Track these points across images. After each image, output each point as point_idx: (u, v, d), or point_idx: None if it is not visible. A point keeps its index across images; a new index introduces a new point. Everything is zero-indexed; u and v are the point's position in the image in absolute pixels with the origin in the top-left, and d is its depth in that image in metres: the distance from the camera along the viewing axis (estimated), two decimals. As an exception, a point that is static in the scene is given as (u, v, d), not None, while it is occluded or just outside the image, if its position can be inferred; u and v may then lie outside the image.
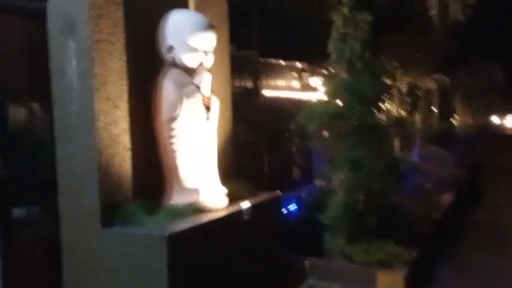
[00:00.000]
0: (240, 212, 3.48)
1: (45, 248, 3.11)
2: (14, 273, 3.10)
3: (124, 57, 3.09)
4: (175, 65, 3.30)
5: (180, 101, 3.22)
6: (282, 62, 6.50)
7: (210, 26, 3.35)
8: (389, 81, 5.46)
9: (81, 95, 2.91)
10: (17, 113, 3.07)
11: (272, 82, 6.35)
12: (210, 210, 3.34)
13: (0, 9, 3.02)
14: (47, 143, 3.02)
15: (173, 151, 3.28)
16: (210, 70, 3.45)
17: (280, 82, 6.56)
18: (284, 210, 5.00)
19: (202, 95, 3.35)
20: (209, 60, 3.40)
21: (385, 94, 5.18)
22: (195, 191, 3.33)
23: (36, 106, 3.13)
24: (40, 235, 3.11)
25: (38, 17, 3.00)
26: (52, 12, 2.94)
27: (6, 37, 3.08)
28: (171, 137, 3.25)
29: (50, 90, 2.98)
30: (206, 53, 3.36)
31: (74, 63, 2.90)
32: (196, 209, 3.29)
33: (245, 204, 3.53)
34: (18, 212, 3.10)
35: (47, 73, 2.99)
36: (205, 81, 3.36)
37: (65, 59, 2.92)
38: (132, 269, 2.85)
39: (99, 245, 2.95)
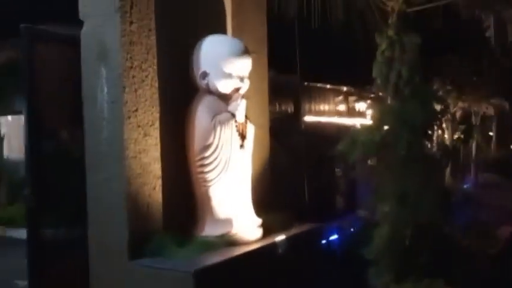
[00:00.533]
0: (275, 245, 3.30)
1: (74, 276, 3.04)
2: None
3: (156, 84, 3.02)
4: (209, 91, 3.21)
5: (214, 128, 3.12)
6: (326, 86, 6.32)
7: (245, 51, 3.25)
8: (441, 107, 5.16)
9: (111, 123, 2.86)
10: (49, 142, 3.04)
11: (315, 106, 6.17)
12: (243, 243, 3.18)
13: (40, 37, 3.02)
14: (79, 171, 2.97)
15: (206, 180, 3.17)
16: (246, 96, 3.33)
17: (324, 106, 6.38)
18: (324, 242, 4.77)
19: (237, 122, 3.23)
20: (244, 86, 3.29)
21: (436, 121, 4.88)
22: (228, 222, 3.20)
23: (68, 134, 3.11)
24: (69, 263, 3.04)
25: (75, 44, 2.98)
26: (86, 40, 2.92)
27: (45, 63, 3.07)
28: (204, 165, 3.14)
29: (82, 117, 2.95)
30: (241, 78, 3.25)
31: (105, 90, 2.86)
32: (229, 241, 3.15)
33: (280, 237, 3.36)
34: (48, 240, 3.04)
35: (80, 101, 2.96)
36: (240, 108, 3.23)
37: (97, 86, 2.89)
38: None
39: (126, 277, 2.86)
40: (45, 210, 2.93)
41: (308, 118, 5.84)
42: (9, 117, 12.72)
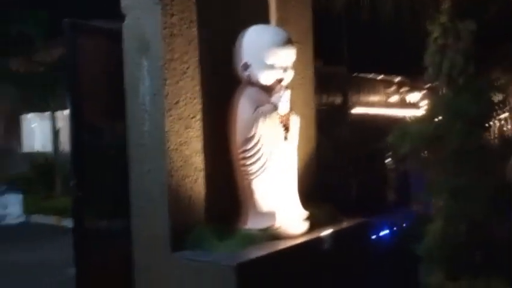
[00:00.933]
0: (321, 239, 3.22)
1: (119, 265, 3.08)
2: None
3: (198, 76, 3.01)
4: (252, 83, 3.16)
5: (256, 120, 3.06)
6: (375, 77, 6.11)
7: (288, 41, 3.17)
8: (500, 97, 4.87)
9: (153, 115, 2.87)
10: (92, 134, 3.09)
11: (363, 98, 5.99)
12: (288, 236, 3.12)
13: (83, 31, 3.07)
14: (122, 164, 3.00)
15: (249, 173, 3.12)
16: (290, 87, 3.25)
17: (373, 98, 6.18)
18: (374, 237, 4.62)
19: (280, 114, 3.16)
20: (288, 77, 3.21)
21: (494, 112, 4.61)
22: (271, 215, 3.14)
23: (111, 127, 3.14)
24: (114, 253, 3.09)
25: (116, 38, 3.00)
26: (127, 33, 2.94)
27: (89, 57, 3.12)
28: (246, 158, 3.10)
29: (124, 110, 2.98)
30: (284, 69, 3.17)
31: (147, 82, 2.87)
32: (272, 235, 3.10)
33: (327, 231, 3.27)
34: (93, 230, 3.10)
35: (122, 93, 2.99)
36: (283, 99, 3.16)
37: (139, 78, 2.90)
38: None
39: (168, 269, 2.87)
40: (90, 201, 2.98)
41: (356, 110, 5.67)
42: (65, 112, 13.23)
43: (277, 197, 3.17)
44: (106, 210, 3.08)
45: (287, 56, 3.18)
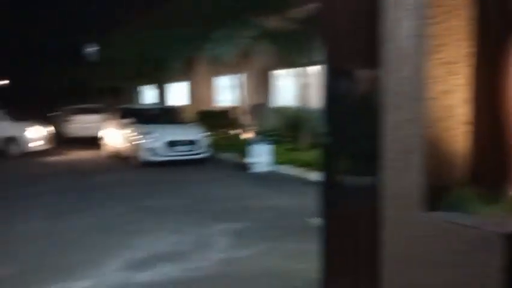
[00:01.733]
0: None
1: (366, 220, 2.96)
2: (334, 240, 3.10)
3: (468, 14, 2.59)
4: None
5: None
6: None
7: None
8: None
9: (413, 60, 2.59)
10: (345, 83, 2.97)
11: None
12: None
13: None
14: (374, 113, 2.82)
15: (525, 130, 2.62)
16: None
17: None
18: None
19: None
20: None
21: None
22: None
23: (365, 73, 2.96)
24: (361, 207, 2.98)
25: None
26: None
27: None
28: (524, 112, 2.60)
29: (380, 55, 2.76)
30: None
31: (407, 23, 2.59)
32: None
33: None
34: (340, 182, 3.03)
35: (379, 37, 2.77)
36: None
37: (398, 19, 2.64)
38: (458, 264, 2.43)
39: (421, 229, 2.62)
40: (340, 152, 2.90)
41: None
42: (311, 68, 13.69)
43: None
44: (355, 161, 2.97)
45: None
